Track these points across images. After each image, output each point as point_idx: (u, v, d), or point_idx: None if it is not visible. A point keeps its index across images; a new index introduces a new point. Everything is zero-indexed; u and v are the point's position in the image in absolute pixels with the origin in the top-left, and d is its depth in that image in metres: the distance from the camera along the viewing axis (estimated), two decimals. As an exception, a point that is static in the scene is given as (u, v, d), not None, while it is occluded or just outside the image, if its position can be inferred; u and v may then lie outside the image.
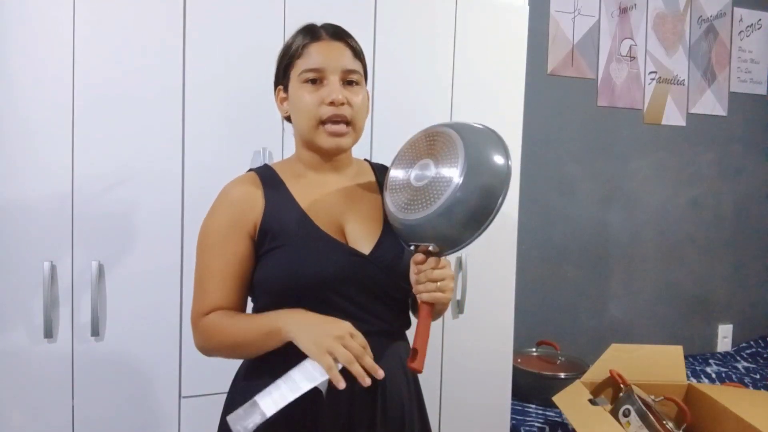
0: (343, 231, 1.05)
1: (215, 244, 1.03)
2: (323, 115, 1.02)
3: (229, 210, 1.04)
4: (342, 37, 1.06)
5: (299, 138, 1.09)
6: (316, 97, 1.02)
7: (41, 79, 1.39)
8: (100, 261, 1.45)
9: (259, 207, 1.04)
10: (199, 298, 1.05)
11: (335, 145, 1.04)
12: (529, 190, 2.40)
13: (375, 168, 1.18)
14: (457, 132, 0.99)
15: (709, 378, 2.43)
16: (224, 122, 1.55)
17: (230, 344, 1.02)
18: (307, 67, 1.02)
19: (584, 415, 1.57)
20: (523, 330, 2.28)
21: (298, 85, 1.04)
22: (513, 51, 1.85)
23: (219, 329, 1.02)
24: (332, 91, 1.01)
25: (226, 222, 1.03)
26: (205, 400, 1.55)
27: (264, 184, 1.06)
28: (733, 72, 2.78)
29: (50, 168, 1.41)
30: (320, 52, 1.03)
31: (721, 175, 2.79)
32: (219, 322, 1.02)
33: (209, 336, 1.03)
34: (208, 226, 1.06)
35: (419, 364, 0.97)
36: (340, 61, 1.03)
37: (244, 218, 1.03)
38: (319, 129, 1.03)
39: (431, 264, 0.98)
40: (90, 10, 1.42)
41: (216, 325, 1.02)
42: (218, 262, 1.03)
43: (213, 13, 1.52)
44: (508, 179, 0.96)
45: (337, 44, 1.04)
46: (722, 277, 2.83)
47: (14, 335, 1.41)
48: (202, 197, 1.52)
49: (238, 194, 1.05)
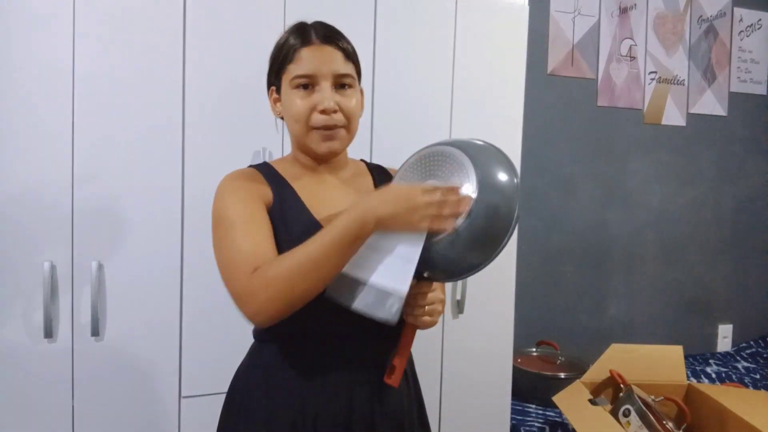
0: None
1: (241, 214, 0.95)
2: (315, 123, 1.01)
3: (242, 186, 1.00)
4: (333, 40, 1.03)
5: (293, 140, 1.09)
6: (308, 103, 1.01)
7: (41, 79, 1.39)
8: (99, 261, 1.45)
9: (268, 190, 1.02)
10: (246, 254, 0.91)
11: (328, 150, 1.04)
12: (529, 190, 2.40)
13: (371, 168, 1.18)
14: (463, 151, 0.92)
15: (709, 378, 2.43)
16: (224, 122, 1.55)
17: (305, 271, 0.86)
18: (298, 74, 1.01)
19: (584, 415, 1.57)
20: (523, 330, 2.28)
21: (289, 90, 1.03)
22: (513, 51, 1.85)
23: (284, 265, 0.87)
24: (324, 98, 1.00)
25: (244, 194, 0.98)
26: (205, 400, 1.55)
27: (266, 177, 1.05)
28: (733, 72, 2.78)
29: (50, 168, 1.41)
30: (311, 57, 1.01)
31: (721, 175, 2.79)
32: (278, 261, 0.88)
33: (273, 281, 0.86)
34: (224, 203, 0.98)
35: (396, 381, 0.96)
36: (331, 66, 1.01)
37: (260, 191, 1.01)
38: (311, 133, 1.02)
39: (422, 288, 0.96)
40: (90, 9, 1.42)
41: (277, 265, 0.88)
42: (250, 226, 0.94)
43: (213, 13, 1.52)
44: (516, 199, 0.91)
45: (328, 48, 1.02)
46: (722, 277, 2.83)
47: (14, 335, 1.40)
48: (202, 197, 1.53)
49: (244, 177, 1.03)
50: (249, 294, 0.88)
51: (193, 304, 1.54)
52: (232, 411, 1.08)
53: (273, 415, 1.01)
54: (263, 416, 1.01)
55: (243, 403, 1.06)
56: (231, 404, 1.09)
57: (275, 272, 0.87)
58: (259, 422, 1.01)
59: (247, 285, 0.88)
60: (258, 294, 0.87)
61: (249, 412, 1.04)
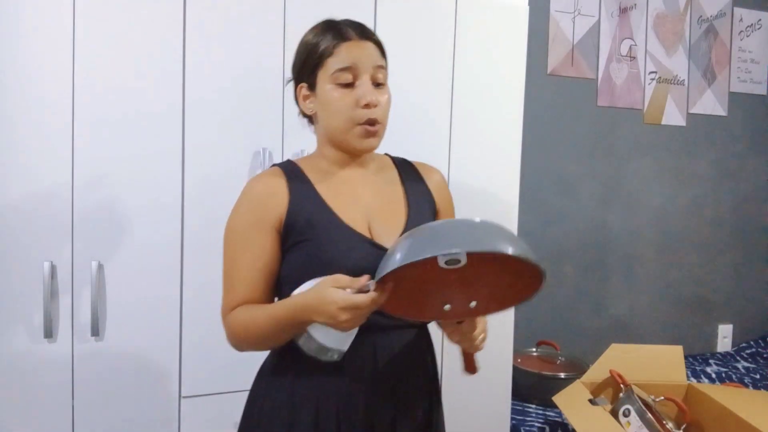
0: (367, 225, 1.06)
1: (241, 239, 1.04)
2: (359, 119, 1.03)
3: (253, 205, 1.05)
4: (370, 36, 1.07)
5: (325, 136, 1.09)
6: (350, 98, 1.03)
7: (41, 79, 1.39)
8: (99, 261, 1.45)
9: (284, 201, 1.04)
10: (227, 292, 1.06)
11: (369, 146, 1.07)
12: (529, 190, 2.40)
13: (396, 162, 1.19)
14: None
15: (709, 378, 2.43)
16: (224, 122, 1.55)
17: (256, 338, 1.02)
18: (340, 66, 1.02)
19: (584, 415, 1.57)
20: (523, 330, 2.28)
21: (330, 86, 1.04)
22: (513, 51, 1.85)
23: (244, 324, 1.02)
24: (366, 92, 1.02)
25: (251, 217, 1.04)
26: (205, 400, 1.55)
27: (288, 178, 1.06)
28: (733, 72, 2.78)
29: (50, 168, 1.41)
30: (352, 51, 1.03)
31: (721, 175, 2.79)
32: (243, 316, 1.02)
33: (236, 331, 1.03)
34: (234, 222, 1.06)
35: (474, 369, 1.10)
36: (371, 59, 1.04)
37: (270, 212, 1.03)
38: (353, 130, 1.04)
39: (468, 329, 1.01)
40: (90, 12, 1.42)
41: (241, 320, 1.02)
42: (245, 257, 1.03)
43: (213, 13, 1.52)
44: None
45: (367, 43, 1.05)
46: (722, 277, 2.83)
47: (14, 335, 1.40)
48: (202, 197, 1.53)
49: (262, 188, 1.06)
50: (224, 323, 1.06)
51: (193, 304, 1.54)
52: (258, 395, 1.10)
53: (296, 407, 1.04)
54: (287, 407, 1.04)
55: (267, 401, 1.07)
56: (254, 401, 1.11)
57: (237, 324, 1.03)
58: (283, 412, 1.04)
59: (223, 318, 1.06)
60: (226, 331, 1.06)
61: (274, 402, 1.06)
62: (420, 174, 1.17)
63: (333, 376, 1.02)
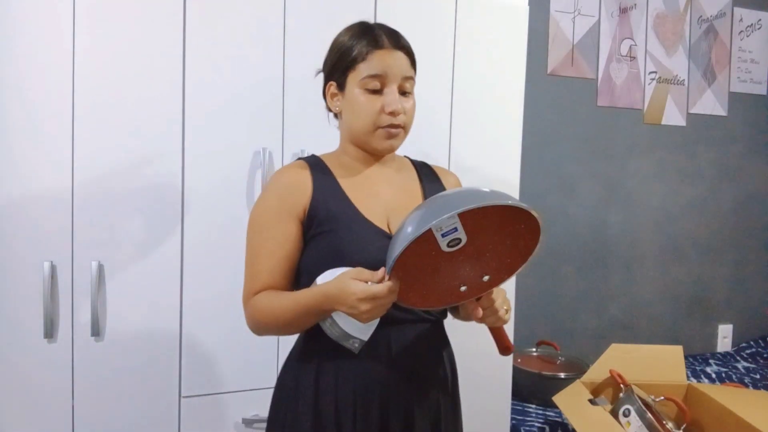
0: (386, 220, 1.10)
1: (266, 226, 1.08)
2: (382, 123, 1.08)
3: (279, 193, 1.09)
4: (403, 46, 1.11)
5: (349, 134, 1.14)
6: (376, 103, 1.07)
7: (41, 79, 1.39)
8: (100, 261, 1.45)
9: (308, 192, 1.08)
10: (249, 278, 1.09)
11: (389, 147, 1.11)
12: (529, 190, 2.40)
13: (416, 165, 1.24)
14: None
15: (709, 378, 2.43)
16: (224, 122, 1.55)
17: (279, 322, 1.05)
18: (370, 73, 1.06)
19: (584, 415, 1.57)
20: (523, 330, 2.28)
21: (358, 89, 1.08)
22: (513, 51, 1.85)
23: (269, 308, 1.05)
24: (392, 101, 1.07)
25: (276, 204, 1.08)
26: (205, 400, 1.55)
27: (313, 171, 1.11)
28: (733, 72, 2.78)
29: (50, 168, 1.41)
30: (384, 59, 1.07)
31: (721, 175, 2.79)
32: (266, 300, 1.06)
33: (258, 315, 1.07)
34: (260, 209, 1.10)
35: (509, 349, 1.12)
36: (401, 70, 1.09)
37: (294, 201, 1.07)
38: (375, 133, 1.09)
39: (487, 302, 1.03)
40: (91, 12, 1.42)
41: (265, 304, 1.06)
42: (269, 244, 1.07)
43: (213, 11, 1.52)
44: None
45: (399, 53, 1.09)
46: (722, 277, 2.83)
47: (14, 335, 1.40)
48: (203, 197, 1.54)
49: (288, 178, 1.10)
50: (245, 308, 1.10)
51: (193, 303, 1.54)
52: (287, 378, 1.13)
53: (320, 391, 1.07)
54: (312, 390, 1.08)
55: (293, 387, 1.10)
56: (282, 387, 1.14)
57: (259, 309, 1.06)
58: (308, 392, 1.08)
59: (245, 304, 1.10)
60: (247, 315, 1.10)
61: (299, 384, 1.10)
62: (437, 175, 1.23)
63: (352, 363, 1.06)
